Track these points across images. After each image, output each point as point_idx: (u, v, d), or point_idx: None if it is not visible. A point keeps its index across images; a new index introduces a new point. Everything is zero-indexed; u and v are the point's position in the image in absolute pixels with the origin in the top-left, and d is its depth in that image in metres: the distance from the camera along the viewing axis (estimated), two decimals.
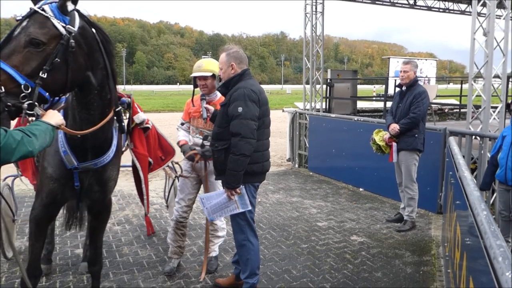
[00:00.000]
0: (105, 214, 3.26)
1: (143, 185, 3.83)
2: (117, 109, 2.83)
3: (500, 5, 6.44)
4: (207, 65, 3.88)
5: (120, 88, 3.46)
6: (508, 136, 4.35)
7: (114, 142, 2.91)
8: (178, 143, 4.09)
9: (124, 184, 7.37)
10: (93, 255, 3.29)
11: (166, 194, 5.51)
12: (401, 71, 5.30)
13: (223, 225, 4.27)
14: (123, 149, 3.53)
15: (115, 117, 2.85)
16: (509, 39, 6.33)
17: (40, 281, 3.69)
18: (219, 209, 3.43)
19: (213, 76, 3.86)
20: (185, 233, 4.24)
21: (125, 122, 3.48)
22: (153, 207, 6.26)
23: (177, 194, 4.25)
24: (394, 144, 5.33)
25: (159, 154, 4.17)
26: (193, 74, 3.90)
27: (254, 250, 3.51)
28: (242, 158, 3.18)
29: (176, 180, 4.63)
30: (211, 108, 3.73)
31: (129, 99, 3.55)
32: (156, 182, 7.91)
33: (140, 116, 3.73)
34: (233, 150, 3.19)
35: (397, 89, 5.55)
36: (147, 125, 3.83)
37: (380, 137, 5.43)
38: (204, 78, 3.86)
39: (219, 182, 3.79)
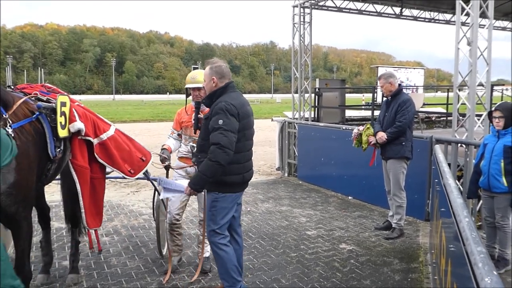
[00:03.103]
0: (15, 229, 3.13)
1: (80, 198, 3.71)
2: None
3: (483, 15, 6.55)
4: (200, 77, 4.08)
5: (109, 97, 3.46)
6: (489, 144, 4.43)
7: None
8: (162, 146, 4.28)
9: (113, 194, 7.33)
10: (15, 263, 3.18)
11: (163, 202, 5.46)
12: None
13: None
14: (55, 157, 3.46)
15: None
16: (492, 48, 6.45)
17: None
18: (169, 193, 3.57)
19: None
20: (181, 232, 4.44)
21: (60, 124, 3.48)
22: (142, 218, 6.24)
23: (169, 198, 4.29)
24: (377, 150, 5.42)
25: (138, 155, 4.16)
26: (188, 85, 4.16)
27: (229, 257, 3.47)
28: (216, 166, 3.22)
29: (157, 192, 4.68)
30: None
31: (52, 104, 3.50)
32: (145, 192, 7.89)
33: (75, 125, 3.64)
34: (209, 156, 3.23)
35: (384, 98, 5.63)
36: (88, 138, 3.75)
37: (366, 136, 5.46)
38: (198, 89, 4.12)
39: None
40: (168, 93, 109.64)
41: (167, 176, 4.27)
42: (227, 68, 3.57)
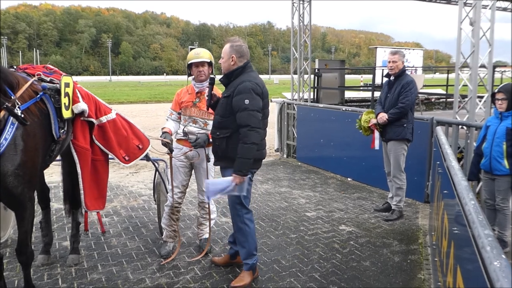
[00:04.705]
0: (19, 210, 3.15)
1: (80, 179, 3.72)
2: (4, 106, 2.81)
3: None
4: (204, 53, 4.10)
5: (106, 79, 3.42)
6: (492, 126, 4.40)
7: (6, 136, 2.85)
8: (162, 129, 4.19)
9: (112, 176, 7.29)
10: (17, 244, 3.24)
11: (163, 183, 5.46)
12: (389, 61, 5.29)
13: (214, 208, 4.48)
14: (59, 138, 3.46)
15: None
16: (495, 28, 6.37)
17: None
18: (220, 192, 3.55)
19: (210, 63, 4.08)
20: (179, 217, 4.45)
21: (65, 105, 3.48)
22: (142, 199, 6.23)
23: (170, 182, 4.30)
24: (377, 132, 5.37)
25: (136, 142, 4.13)
26: (192, 60, 4.06)
27: (251, 232, 3.71)
28: (253, 146, 3.38)
29: (159, 173, 4.68)
30: (217, 95, 3.81)
31: (56, 85, 3.48)
32: (144, 174, 7.88)
33: (79, 106, 3.65)
34: (243, 140, 3.36)
35: (385, 79, 5.56)
36: (91, 119, 3.76)
37: (367, 118, 5.44)
38: (202, 64, 4.05)
39: (212, 168, 4.16)
40: (165, 74, 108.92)
41: (170, 161, 4.21)
42: (246, 47, 3.64)
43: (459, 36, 6.40)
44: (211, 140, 3.93)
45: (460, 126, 5.83)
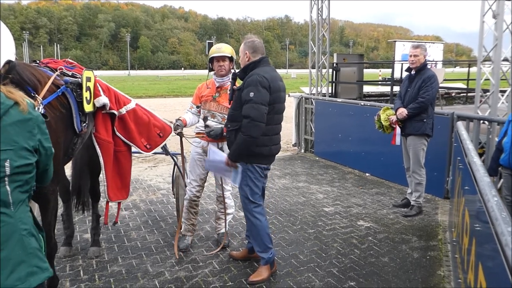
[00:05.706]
0: (43, 203, 3.19)
1: (103, 171, 3.81)
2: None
3: None
4: (225, 48, 4.17)
5: (124, 73, 3.46)
6: None
7: None
8: (178, 118, 4.30)
9: None
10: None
11: (181, 176, 5.51)
12: (410, 55, 5.21)
13: (232, 202, 4.51)
14: (81, 131, 3.49)
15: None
16: None
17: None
18: (215, 166, 3.76)
19: (231, 59, 4.13)
20: (198, 211, 4.49)
21: (85, 99, 3.52)
22: (160, 192, 6.30)
23: (188, 175, 4.40)
24: (398, 127, 5.30)
25: (157, 130, 4.21)
26: (214, 55, 4.12)
27: (262, 226, 3.69)
28: (249, 139, 3.41)
29: (177, 166, 4.73)
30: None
31: (78, 79, 3.52)
32: (163, 167, 7.95)
33: (100, 100, 3.70)
34: (242, 130, 3.42)
35: (406, 73, 5.48)
36: (112, 111, 3.82)
37: (386, 115, 5.38)
38: (223, 59, 4.10)
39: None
40: (183, 68, 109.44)
41: (181, 145, 4.34)
42: (260, 43, 3.71)
43: (482, 29, 6.27)
44: (225, 134, 3.97)
45: (481, 121, 5.73)
